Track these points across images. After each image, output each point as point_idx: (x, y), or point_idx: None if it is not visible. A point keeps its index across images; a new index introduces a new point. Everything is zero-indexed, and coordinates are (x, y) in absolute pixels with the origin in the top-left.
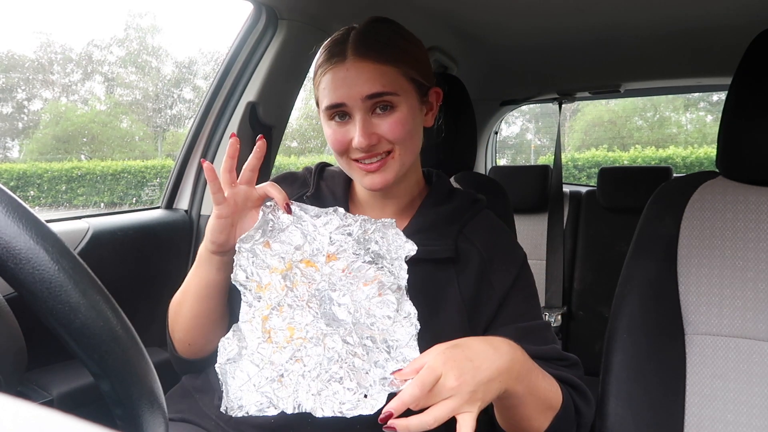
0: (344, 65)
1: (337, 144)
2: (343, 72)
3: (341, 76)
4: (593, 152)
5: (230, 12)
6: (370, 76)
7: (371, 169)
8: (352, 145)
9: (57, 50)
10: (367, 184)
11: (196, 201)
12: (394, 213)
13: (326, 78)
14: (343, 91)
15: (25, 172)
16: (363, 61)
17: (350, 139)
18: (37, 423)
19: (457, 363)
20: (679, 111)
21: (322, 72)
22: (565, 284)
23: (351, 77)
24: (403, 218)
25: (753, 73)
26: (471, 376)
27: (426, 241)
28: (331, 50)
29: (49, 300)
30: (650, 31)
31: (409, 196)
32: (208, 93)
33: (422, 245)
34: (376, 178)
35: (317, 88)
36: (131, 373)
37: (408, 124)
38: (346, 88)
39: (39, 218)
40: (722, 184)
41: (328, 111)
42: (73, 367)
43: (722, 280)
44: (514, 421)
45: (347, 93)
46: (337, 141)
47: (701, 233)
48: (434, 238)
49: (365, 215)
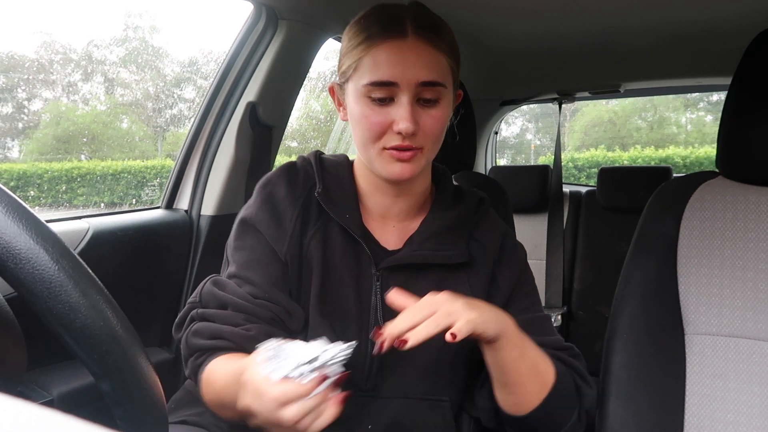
0: (405, 42)
1: (375, 127)
2: (402, 49)
3: (400, 53)
4: (593, 152)
5: (230, 12)
6: (429, 61)
7: (404, 158)
8: (394, 129)
9: (58, 50)
10: (396, 172)
11: (196, 201)
12: (404, 211)
13: (378, 51)
14: (399, 69)
15: (25, 172)
16: (424, 44)
17: (391, 122)
18: (37, 423)
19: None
20: (679, 111)
21: (370, 44)
22: (565, 284)
23: (411, 57)
24: (412, 218)
25: (753, 73)
26: (468, 306)
27: (439, 245)
28: (386, 23)
29: (49, 300)
30: (650, 32)
31: (420, 193)
32: (208, 93)
33: (436, 250)
34: (406, 167)
35: (355, 60)
36: (131, 373)
37: (444, 122)
38: (403, 67)
39: (39, 218)
40: (722, 184)
41: (369, 87)
42: (73, 367)
43: (722, 280)
44: (510, 389)
45: (403, 73)
46: (377, 123)
47: (701, 233)
48: (447, 242)
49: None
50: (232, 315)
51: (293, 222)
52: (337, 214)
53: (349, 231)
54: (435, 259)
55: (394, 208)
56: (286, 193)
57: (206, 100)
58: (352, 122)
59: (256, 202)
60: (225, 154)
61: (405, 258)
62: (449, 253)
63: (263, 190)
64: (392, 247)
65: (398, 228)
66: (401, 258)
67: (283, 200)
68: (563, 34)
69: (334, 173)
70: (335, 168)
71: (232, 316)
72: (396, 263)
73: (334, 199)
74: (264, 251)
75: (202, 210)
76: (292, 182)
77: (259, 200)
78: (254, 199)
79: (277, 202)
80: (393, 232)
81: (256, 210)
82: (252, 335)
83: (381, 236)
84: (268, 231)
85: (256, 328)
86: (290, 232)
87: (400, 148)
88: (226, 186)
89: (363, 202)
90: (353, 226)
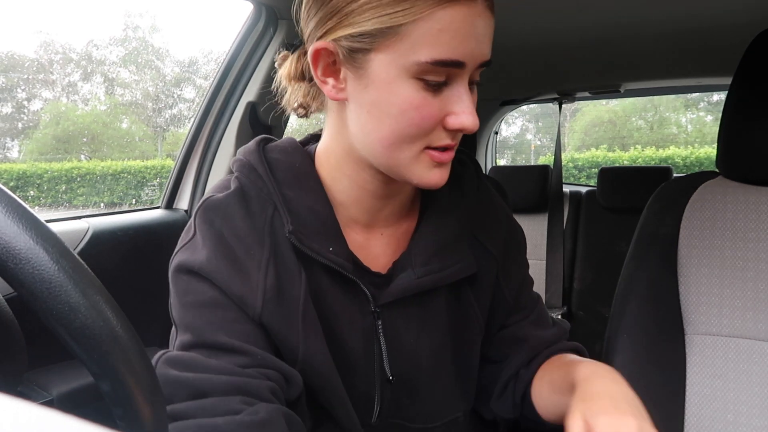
0: (475, 6)
1: (428, 120)
2: (473, 16)
3: (472, 22)
4: (593, 152)
5: (230, 12)
6: (491, 34)
7: (446, 160)
8: (449, 124)
9: (57, 50)
10: (435, 180)
11: (196, 201)
12: (394, 213)
13: (446, 15)
14: (471, 45)
15: (25, 172)
16: (490, 12)
17: (445, 115)
18: (37, 423)
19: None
20: (679, 111)
21: (436, 2)
22: (565, 284)
23: (480, 27)
24: (402, 220)
25: (753, 73)
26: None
27: (446, 260)
28: None
29: (49, 300)
30: (650, 32)
31: (411, 190)
32: (208, 93)
33: (443, 269)
34: (444, 172)
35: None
36: (131, 373)
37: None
38: (475, 41)
39: (39, 218)
40: (722, 184)
41: (429, 66)
42: (73, 367)
43: (722, 280)
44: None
45: (473, 49)
46: (431, 116)
47: (701, 233)
48: (450, 254)
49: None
50: (218, 402)
51: (263, 271)
52: (319, 250)
53: (336, 269)
54: (443, 281)
55: (383, 213)
56: (245, 231)
57: (206, 100)
58: (382, 111)
59: (204, 244)
60: (225, 154)
61: (410, 288)
62: (457, 267)
63: (211, 227)
64: (382, 265)
65: (386, 236)
66: (405, 289)
67: (243, 241)
68: (563, 34)
69: (294, 183)
70: (293, 173)
71: (220, 404)
72: (400, 296)
73: (309, 228)
74: (229, 307)
75: None
76: (248, 213)
77: (209, 241)
78: (200, 237)
79: (234, 244)
80: (380, 243)
81: (208, 256)
82: (263, 419)
83: (367, 254)
84: (230, 286)
85: (264, 409)
86: (261, 285)
87: (448, 147)
88: None
89: (338, 209)
90: (341, 261)
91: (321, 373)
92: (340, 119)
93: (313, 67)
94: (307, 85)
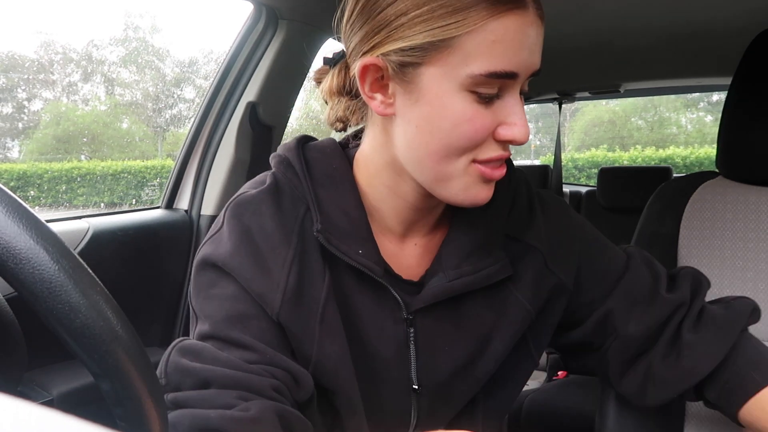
0: (527, 15)
1: (480, 132)
2: (526, 26)
3: (524, 31)
4: (593, 152)
5: (230, 12)
6: (541, 43)
7: (497, 176)
8: (501, 136)
9: (58, 50)
10: (482, 197)
11: (196, 201)
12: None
13: (500, 25)
14: (524, 55)
15: (25, 172)
16: (541, 21)
17: (497, 126)
18: (37, 423)
19: None
20: (679, 111)
21: (491, 12)
22: None
23: (532, 36)
24: (436, 230)
25: (753, 73)
26: None
27: (479, 263)
28: None
29: (50, 300)
30: (650, 31)
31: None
32: (208, 93)
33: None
34: (491, 188)
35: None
36: (131, 373)
37: None
38: (528, 51)
39: (39, 218)
40: (722, 184)
41: (482, 78)
42: (73, 367)
43: (722, 280)
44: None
45: (526, 59)
46: (483, 128)
47: (701, 233)
48: (482, 256)
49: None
50: (217, 395)
51: (286, 270)
52: (347, 251)
53: (366, 272)
54: (477, 284)
55: (419, 224)
56: (273, 229)
57: (206, 100)
58: (433, 125)
59: (230, 239)
60: (225, 154)
61: (442, 292)
62: (491, 270)
63: (239, 222)
64: (415, 274)
65: (420, 246)
66: (437, 293)
67: (269, 238)
68: (563, 34)
69: (329, 184)
70: (329, 174)
71: (217, 396)
72: (433, 301)
73: (339, 229)
74: (248, 304)
75: (202, 210)
76: (279, 210)
77: (235, 237)
78: (227, 231)
79: (261, 241)
80: (413, 253)
81: (231, 251)
82: (254, 417)
83: (400, 263)
84: (251, 283)
85: (257, 406)
86: (282, 284)
87: (500, 159)
88: (226, 186)
89: (375, 216)
90: (370, 264)
91: (334, 377)
92: (384, 133)
93: (360, 83)
94: (349, 100)
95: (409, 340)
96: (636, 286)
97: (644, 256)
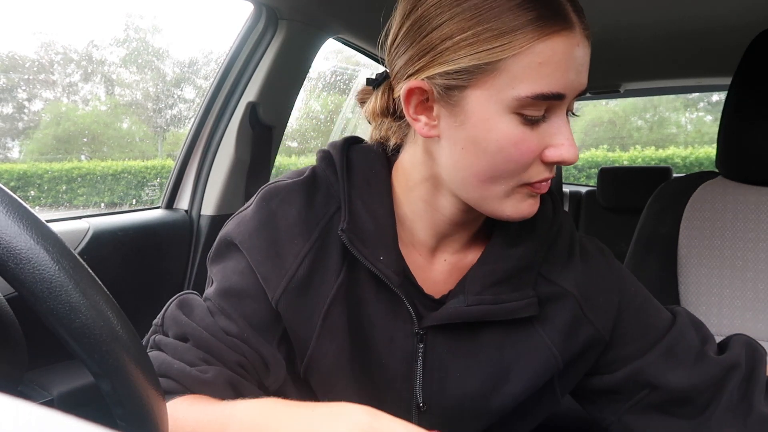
0: (574, 36)
1: (526, 155)
2: (573, 47)
3: (572, 52)
4: (593, 152)
5: (230, 12)
6: (588, 63)
7: (544, 190)
8: (550, 158)
9: (58, 50)
10: (527, 211)
11: (196, 201)
12: (463, 240)
13: (547, 47)
14: (572, 76)
15: (25, 172)
16: (587, 41)
17: (544, 148)
18: (37, 423)
19: None
20: (679, 111)
21: (538, 34)
22: None
23: (581, 57)
24: (469, 249)
25: (753, 73)
26: None
27: (501, 293)
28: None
29: (50, 300)
30: (650, 32)
31: (485, 220)
32: (208, 93)
33: (497, 302)
34: (537, 201)
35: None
36: (131, 373)
37: None
38: (575, 72)
39: (39, 218)
40: (722, 184)
41: (530, 101)
42: (73, 367)
43: (722, 280)
44: None
45: (573, 81)
46: (530, 151)
47: (701, 233)
48: (507, 289)
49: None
50: (187, 350)
51: (298, 261)
52: (368, 255)
53: (383, 279)
54: (497, 315)
55: (451, 239)
56: (296, 219)
57: (206, 100)
58: (479, 148)
59: (252, 220)
60: (225, 154)
61: (458, 315)
62: (516, 305)
63: (266, 206)
64: (439, 291)
65: (449, 263)
66: (453, 315)
67: (291, 228)
68: None
69: (364, 186)
70: (367, 177)
71: (187, 351)
72: (446, 321)
73: (364, 232)
74: (251, 283)
75: (202, 210)
76: (309, 204)
77: (257, 219)
78: (251, 213)
79: (282, 228)
80: (442, 269)
81: (250, 232)
82: (207, 379)
83: (426, 276)
84: (259, 265)
85: (215, 371)
86: (290, 274)
87: (546, 180)
88: (226, 186)
89: (406, 227)
90: (388, 272)
91: (327, 377)
92: (427, 153)
93: (405, 105)
94: (392, 121)
95: (417, 356)
96: (680, 345)
97: (692, 318)
